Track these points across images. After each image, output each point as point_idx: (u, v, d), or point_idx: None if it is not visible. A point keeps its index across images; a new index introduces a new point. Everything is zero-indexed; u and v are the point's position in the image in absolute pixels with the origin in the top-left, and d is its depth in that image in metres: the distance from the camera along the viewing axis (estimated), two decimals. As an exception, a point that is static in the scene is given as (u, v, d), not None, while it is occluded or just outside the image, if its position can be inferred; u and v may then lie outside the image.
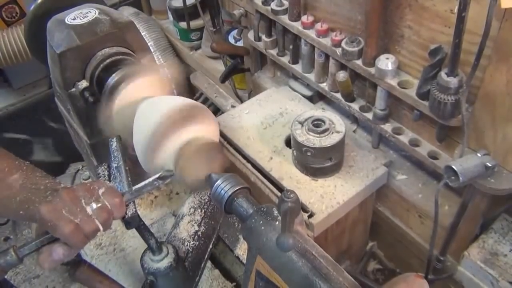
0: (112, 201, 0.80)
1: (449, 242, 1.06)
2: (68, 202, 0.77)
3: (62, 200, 0.78)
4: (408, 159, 1.20)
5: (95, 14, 1.12)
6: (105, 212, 0.79)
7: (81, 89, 1.11)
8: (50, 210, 0.76)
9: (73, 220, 0.76)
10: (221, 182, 0.84)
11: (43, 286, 1.75)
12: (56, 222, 0.75)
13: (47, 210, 0.76)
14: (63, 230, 0.75)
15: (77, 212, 0.77)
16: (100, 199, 0.79)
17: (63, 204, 0.77)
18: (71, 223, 0.75)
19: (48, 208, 0.76)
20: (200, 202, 1.25)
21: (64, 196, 0.78)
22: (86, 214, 0.77)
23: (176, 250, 1.08)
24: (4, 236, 2.10)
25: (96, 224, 0.78)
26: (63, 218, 0.75)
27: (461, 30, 0.79)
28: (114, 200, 0.80)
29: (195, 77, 1.93)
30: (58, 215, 0.76)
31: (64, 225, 0.75)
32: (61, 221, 0.75)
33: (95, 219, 0.78)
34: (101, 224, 0.79)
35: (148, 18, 1.96)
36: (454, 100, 0.88)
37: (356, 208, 1.15)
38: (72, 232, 0.75)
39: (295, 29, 1.20)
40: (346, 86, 1.13)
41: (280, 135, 1.24)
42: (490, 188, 0.89)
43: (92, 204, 0.78)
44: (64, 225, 0.75)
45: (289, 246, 0.67)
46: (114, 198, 0.81)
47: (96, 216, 0.78)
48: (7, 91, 2.05)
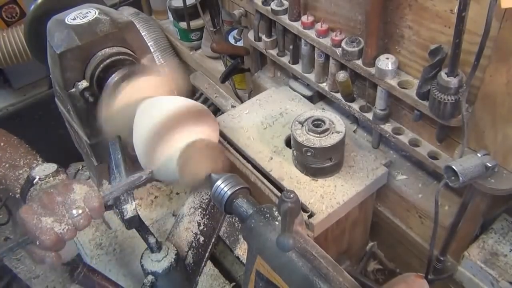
0: (92, 205, 0.81)
1: (449, 242, 1.06)
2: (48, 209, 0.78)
3: (42, 205, 0.78)
4: (408, 159, 1.20)
5: (95, 14, 1.11)
6: (85, 219, 0.80)
7: (81, 89, 1.11)
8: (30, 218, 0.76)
9: (55, 231, 0.77)
10: (221, 182, 0.84)
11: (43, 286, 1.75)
12: (37, 234, 0.76)
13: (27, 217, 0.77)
14: (45, 243, 0.76)
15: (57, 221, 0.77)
16: (81, 205, 0.80)
17: (43, 210, 0.78)
18: (53, 236, 0.76)
19: (28, 215, 0.77)
20: (200, 202, 1.25)
21: (45, 200, 0.79)
22: (67, 222, 0.78)
23: (176, 250, 1.08)
24: (4, 236, 2.10)
25: (75, 232, 0.79)
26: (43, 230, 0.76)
27: (461, 30, 0.79)
28: (94, 205, 0.81)
29: (195, 77, 1.93)
30: (38, 225, 0.76)
31: (46, 239, 0.76)
32: (42, 234, 0.76)
33: (75, 226, 0.79)
34: (80, 229, 0.80)
35: (148, 18, 1.96)
36: (454, 100, 0.88)
37: (356, 208, 1.15)
38: (53, 244, 0.77)
39: (295, 29, 1.20)
40: (346, 86, 1.13)
41: (280, 135, 1.24)
42: (490, 188, 0.89)
43: (72, 212, 0.79)
44: (45, 239, 0.76)
45: (289, 246, 0.67)
46: (94, 202, 0.81)
47: (76, 223, 0.79)
48: (7, 91, 2.06)
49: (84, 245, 1.34)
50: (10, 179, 0.93)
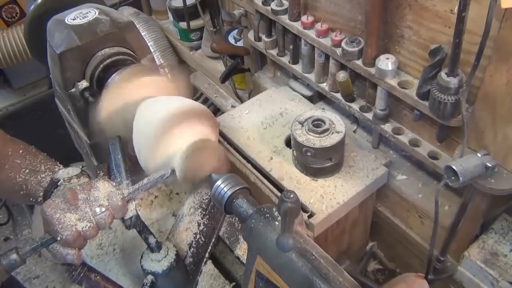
0: (115, 204, 0.80)
1: (449, 242, 1.06)
2: (71, 204, 0.78)
3: (66, 201, 0.78)
4: (408, 159, 1.20)
5: (95, 14, 1.12)
6: (108, 217, 0.79)
7: (81, 89, 1.11)
8: (53, 213, 0.76)
9: (76, 227, 0.76)
10: (221, 182, 0.84)
11: (43, 286, 1.75)
12: (59, 229, 0.75)
13: (50, 211, 0.76)
14: (67, 239, 0.76)
15: (80, 218, 0.77)
16: (104, 203, 0.79)
17: (66, 206, 0.77)
18: (75, 232, 0.76)
19: (51, 209, 0.76)
20: (200, 202, 1.25)
21: (68, 196, 0.78)
22: (89, 220, 0.78)
23: (176, 250, 1.08)
24: (4, 236, 2.10)
25: (97, 230, 0.79)
26: (66, 226, 0.76)
27: (461, 30, 0.79)
28: (118, 204, 0.80)
29: (195, 77, 1.93)
30: (61, 220, 0.76)
31: (68, 235, 0.75)
32: (64, 229, 0.75)
33: (97, 224, 0.78)
34: (102, 228, 0.79)
35: (148, 18, 1.96)
36: (454, 100, 0.88)
37: (356, 208, 1.15)
38: (74, 240, 0.76)
39: (295, 29, 1.20)
40: (346, 86, 1.13)
41: (280, 135, 1.24)
42: (490, 188, 0.89)
43: (95, 209, 0.78)
44: (67, 235, 0.75)
45: (289, 246, 0.67)
46: (117, 201, 0.81)
47: (99, 221, 0.78)
48: (7, 91, 2.06)
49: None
50: (31, 183, 0.91)
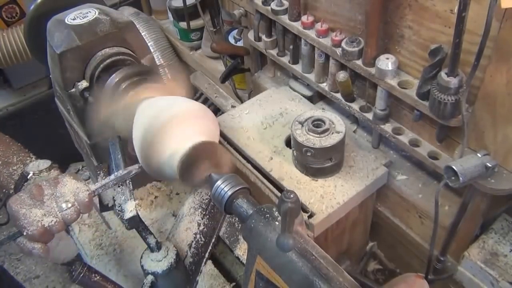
0: (81, 199, 0.81)
1: (449, 242, 1.06)
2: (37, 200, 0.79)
3: (32, 196, 0.79)
4: (408, 159, 1.20)
5: (95, 14, 1.12)
6: (74, 212, 0.81)
7: (81, 89, 1.11)
8: (18, 208, 0.77)
9: (42, 223, 0.77)
10: (221, 182, 0.84)
11: (43, 286, 1.75)
12: (25, 225, 0.77)
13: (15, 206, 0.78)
14: (33, 234, 0.77)
15: (46, 213, 0.78)
16: (70, 199, 0.80)
17: (32, 201, 0.79)
18: (40, 227, 0.77)
19: (16, 205, 0.78)
20: (200, 202, 1.25)
21: (34, 191, 0.79)
22: (55, 215, 0.79)
23: (176, 250, 1.08)
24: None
25: (64, 225, 0.80)
26: (31, 221, 0.77)
27: (461, 30, 0.79)
28: (84, 200, 0.82)
29: (195, 77, 1.93)
30: (27, 215, 0.77)
31: (33, 230, 0.77)
32: (30, 225, 0.77)
33: (63, 219, 0.79)
34: (69, 223, 0.81)
35: (148, 18, 1.96)
36: (454, 100, 0.88)
37: (356, 208, 1.15)
38: (40, 235, 0.78)
39: (295, 29, 1.20)
40: (346, 86, 1.13)
41: (280, 135, 1.24)
42: (490, 188, 0.89)
43: (62, 205, 0.79)
44: (33, 230, 0.77)
45: (289, 246, 0.67)
46: (84, 197, 0.82)
47: (65, 217, 0.79)
48: (7, 91, 2.06)
49: (84, 245, 1.35)
50: (3, 175, 0.94)
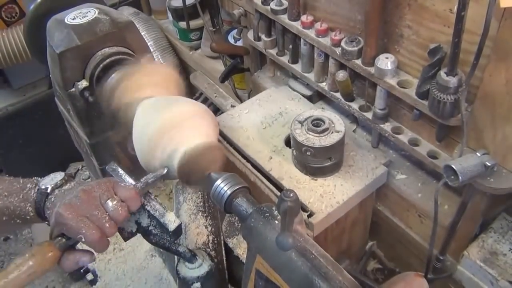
0: (126, 194, 0.80)
1: (449, 242, 1.06)
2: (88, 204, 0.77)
3: (81, 202, 0.77)
4: (407, 159, 1.20)
5: (94, 14, 1.12)
6: (123, 210, 0.78)
7: (81, 89, 1.11)
8: (72, 215, 0.75)
9: (98, 227, 0.76)
10: (221, 181, 0.84)
11: (43, 286, 1.75)
12: (81, 230, 0.75)
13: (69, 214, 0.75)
14: (91, 239, 0.75)
15: (100, 217, 0.76)
16: (116, 197, 0.79)
17: (84, 208, 0.76)
18: (97, 231, 0.75)
19: (69, 212, 0.75)
20: (197, 206, 1.24)
21: (83, 197, 0.77)
22: (108, 218, 0.77)
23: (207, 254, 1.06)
24: (4, 236, 2.10)
25: (115, 226, 0.78)
26: (87, 226, 0.75)
27: (460, 29, 0.79)
28: (129, 194, 0.80)
29: (195, 77, 1.93)
30: (81, 221, 0.75)
31: (91, 234, 0.75)
32: (87, 229, 0.75)
33: (113, 219, 0.78)
34: (120, 223, 0.79)
35: (147, 18, 1.96)
36: (453, 100, 0.88)
37: (355, 207, 1.15)
38: (99, 240, 0.76)
39: (294, 29, 1.20)
40: (345, 86, 1.13)
41: (280, 134, 1.24)
42: (489, 188, 0.89)
43: (108, 202, 0.77)
44: (90, 234, 0.75)
45: (289, 245, 0.67)
46: (129, 191, 0.80)
47: (114, 216, 0.77)
48: (7, 91, 2.06)
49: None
50: (13, 204, 0.84)
